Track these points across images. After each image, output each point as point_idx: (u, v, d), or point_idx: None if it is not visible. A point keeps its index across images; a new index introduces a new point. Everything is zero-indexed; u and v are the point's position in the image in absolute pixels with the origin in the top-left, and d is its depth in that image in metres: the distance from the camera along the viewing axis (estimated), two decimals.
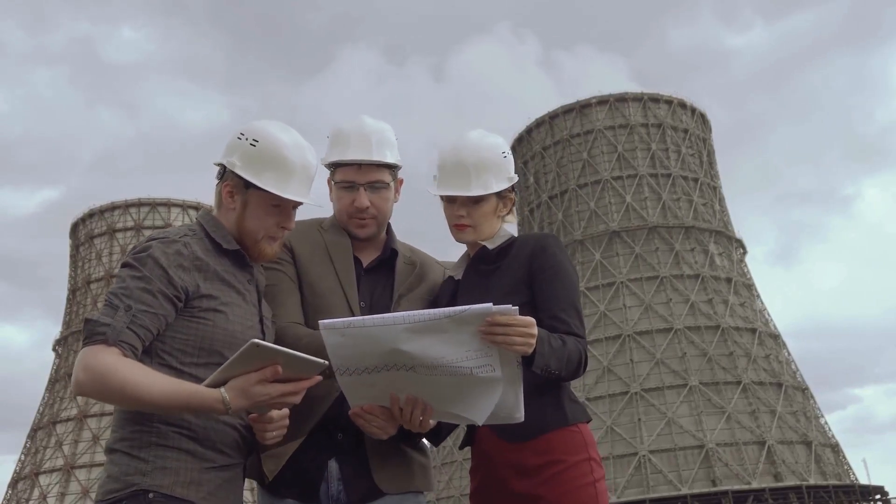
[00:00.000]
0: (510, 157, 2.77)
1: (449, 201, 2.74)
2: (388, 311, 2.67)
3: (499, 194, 2.74)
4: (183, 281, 2.32)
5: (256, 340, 2.11)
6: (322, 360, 2.21)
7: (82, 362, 2.18)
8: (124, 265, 2.34)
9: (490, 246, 2.74)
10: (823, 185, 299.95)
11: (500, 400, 2.33)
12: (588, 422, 2.66)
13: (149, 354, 2.29)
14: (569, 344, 2.48)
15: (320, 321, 2.26)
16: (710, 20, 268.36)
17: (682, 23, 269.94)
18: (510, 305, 2.22)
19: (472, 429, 2.61)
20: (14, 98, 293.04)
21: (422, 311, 2.22)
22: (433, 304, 2.81)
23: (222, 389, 2.18)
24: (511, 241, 2.74)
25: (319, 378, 2.26)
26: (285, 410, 2.36)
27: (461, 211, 2.71)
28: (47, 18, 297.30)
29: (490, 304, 2.19)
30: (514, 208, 2.84)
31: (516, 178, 2.78)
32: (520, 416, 2.36)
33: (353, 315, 2.65)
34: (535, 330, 2.29)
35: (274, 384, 2.18)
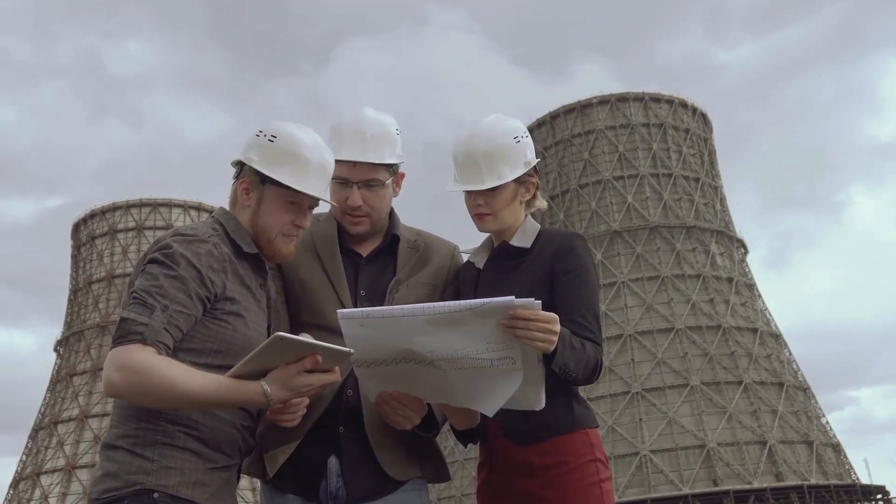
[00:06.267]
0: (526, 141, 2.68)
1: (467, 192, 2.69)
2: (385, 297, 2.66)
3: (518, 179, 2.67)
4: (214, 283, 2.29)
5: (281, 333, 2.09)
6: (348, 349, 2.19)
7: (116, 361, 2.10)
8: (153, 261, 2.26)
9: (516, 243, 2.69)
10: (814, 192, 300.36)
11: (520, 394, 2.31)
12: (596, 427, 2.64)
13: None
14: (587, 348, 2.45)
15: (338, 310, 2.23)
16: (698, 35, 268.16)
17: (671, 37, 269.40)
18: (533, 299, 2.19)
19: (482, 425, 2.60)
20: (22, 109, 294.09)
21: (443, 303, 2.19)
22: (446, 289, 2.77)
23: (262, 382, 2.16)
24: (536, 237, 2.69)
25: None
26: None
27: (479, 200, 2.66)
28: (54, 33, 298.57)
29: (512, 297, 2.15)
30: (539, 192, 2.76)
31: (534, 161, 2.69)
32: (540, 405, 2.36)
33: (345, 307, 2.61)
34: (558, 327, 2.25)
35: (314, 374, 2.17)
